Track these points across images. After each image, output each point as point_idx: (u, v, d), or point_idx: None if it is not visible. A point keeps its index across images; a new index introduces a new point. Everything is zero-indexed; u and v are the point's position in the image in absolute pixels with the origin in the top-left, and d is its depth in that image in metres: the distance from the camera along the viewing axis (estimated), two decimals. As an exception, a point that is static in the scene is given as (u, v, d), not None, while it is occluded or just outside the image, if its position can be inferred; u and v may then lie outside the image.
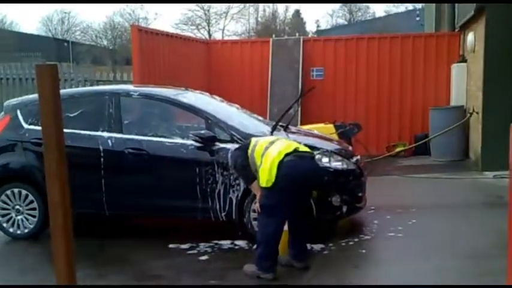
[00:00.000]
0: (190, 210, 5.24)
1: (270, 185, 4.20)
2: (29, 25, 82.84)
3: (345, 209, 5.13)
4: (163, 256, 4.85)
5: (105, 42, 47.54)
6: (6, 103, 6.08)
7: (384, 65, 10.78)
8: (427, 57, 10.59)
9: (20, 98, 6.24)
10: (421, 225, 5.53)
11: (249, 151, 4.43)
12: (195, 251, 4.94)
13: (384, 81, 10.80)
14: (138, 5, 45.28)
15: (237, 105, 6.21)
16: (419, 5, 32.69)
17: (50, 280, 4.21)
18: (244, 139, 5.11)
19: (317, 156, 5.07)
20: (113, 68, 34.53)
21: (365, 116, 10.51)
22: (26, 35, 44.29)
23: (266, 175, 4.22)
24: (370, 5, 47.02)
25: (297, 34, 14.33)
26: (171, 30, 31.99)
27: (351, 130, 8.44)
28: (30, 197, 5.42)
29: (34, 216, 5.42)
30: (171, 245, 5.06)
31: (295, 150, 4.33)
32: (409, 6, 41.29)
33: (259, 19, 45.62)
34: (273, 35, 16.53)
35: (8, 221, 5.47)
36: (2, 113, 5.91)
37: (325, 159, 5.14)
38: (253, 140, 4.55)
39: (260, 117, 6.28)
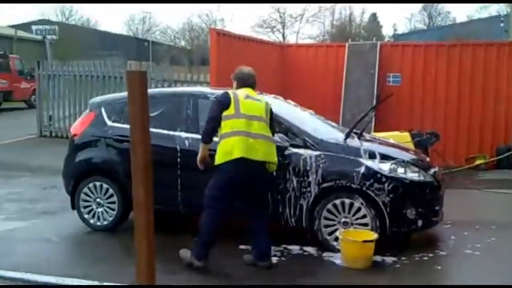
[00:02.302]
0: (260, 213, 5.27)
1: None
2: (113, 25, 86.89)
3: (420, 222, 4.97)
4: (234, 256, 4.91)
5: (182, 43, 49.01)
6: (91, 100, 6.42)
7: (465, 73, 10.31)
8: (511, 66, 10.04)
9: (104, 96, 6.54)
10: (501, 244, 5.25)
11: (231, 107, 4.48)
12: (264, 254, 4.96)
13: (464, 89, 10.33)
14: (215, 6, 46.20)
15: (310, 111, 6.19)
16: (504, 11, 31.04)
17: (118, 271, 4.47)
18: (317, 145, 5.09)
19: (392, 167, 4.96)
20: (190, 68, 35.51)
21: (443, 125, 10.10)
22: (110, 34, 46.53)
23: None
24: (452, 9, 45.22)
25: (374, 38, 14.02)
26: (247, 33, 32.47)
27: (428, 139, 8.13)
28: (110, 191, 5.66)
29: (113, 210, 5.67)
30: (241, 246, 5.12)
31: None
32: (493, 11, 39.33)
33: (334, 22, 45.16)
34: (349, 39, 16.28)
35: (89, 213, 5.76)
36: (88, 109, 6.23)
37: (400, 170, 5.00)
38: (237, 97, 4.54)
39: (334, 123, 6.21)
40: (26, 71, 21.58)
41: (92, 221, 5.76)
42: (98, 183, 5.71)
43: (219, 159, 4.50)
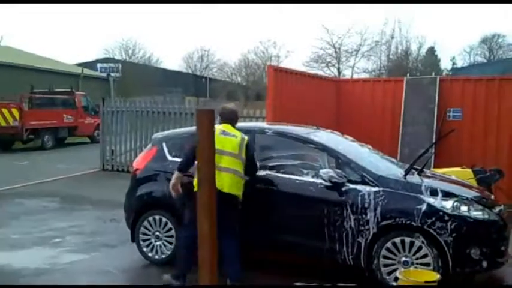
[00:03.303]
0: (316, 250, 5.21)
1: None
2: (172, 62, 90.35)
3: (484, 263, 4.74)
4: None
5: (239, 79, 49.99)
6: (154, 136, 6.64)
7: (531, 108, 9.91)
8: None
9: (165, 132, 6.74)
10: None
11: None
12: (320, 292, 4.88)
13: (530, 124, 9.90)
14: (271, 43, 47.02)
15: (368, 146, 6.12)
16: None
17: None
18: (376, 181, 5.01)
19: (455, 204, 4.79)
20: (245, 103, 36.09)
21: (507, 162, 9.65)
22: (169, 71, 48.22)
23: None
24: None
25: (433, 73, 13.80)
26: (301, 68, 32.74)
27: (492, 176, 7.79)
28: (169, 225, 5.76)
29: (171, 244, 5.75)
30: (297, 283, 5.04)
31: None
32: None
33: (391, 56, 44.78)
34: (407, 74, 16.11)
35: (147, 246, 5.87)
36: (150, 144, 6.44)
37: (463, 208, 4.82)
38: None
39: (393, 159, 6.10)
40: (90, 107, 22.60)
41: (150, 254, 5.86)
42: (157, 217, 5.83)
43: (195, 187, 4.75)
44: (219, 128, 5.03)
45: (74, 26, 77.07)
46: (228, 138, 5.01)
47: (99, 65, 39.09)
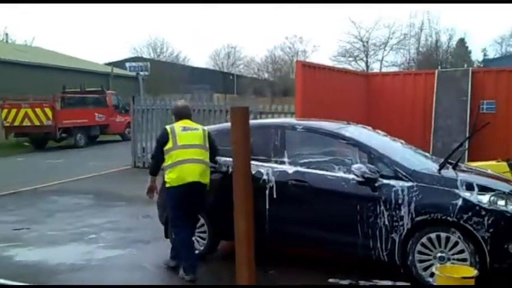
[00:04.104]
0: (349, 246, 5.17)
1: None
2: (199, 60, 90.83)
3: (523, 258, 4.62)
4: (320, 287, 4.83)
5: (265, 75, 49.97)
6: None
7: None
8: None
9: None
10: None
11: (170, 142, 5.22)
12: (354, 289, 4.85)
13: None
14: (297, 38, 46.83)
15: (401, 140, 6.03)
16: None
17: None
18: (409, 176, 4.94)
19: (491, 199, 4.69)
20: (272, 99, 36.05)
21: (544, 154, 9.41)
22: (197, 68, 48.53)
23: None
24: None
25: (465, 65, 13.52)
26: (328, 62, 32.50)
27: (529, 169, 7.59)
28: (202, 221, 5.77)
29: (204, 239, 5.81)
30: (331, 279, 5.02)
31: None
32: None
33: (420, 49, 44.01)
34: (439, 66, 15.82)
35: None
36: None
37: (501, 202, 4.70)
38: (174, 131, 5.28)
39: (426, 154, 6.00)
40: (121, 105, 22.93)
41: (183, 249, 5.91)
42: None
43: (167, 185, 5.28)
44: (178, 125, 5.40)
45: (103, 26, 78.35)
46: (191, 133, 5.34)
47: (128, 64, 39.56)
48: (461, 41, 46.86)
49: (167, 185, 5.26)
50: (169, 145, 5.25)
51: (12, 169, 14.59)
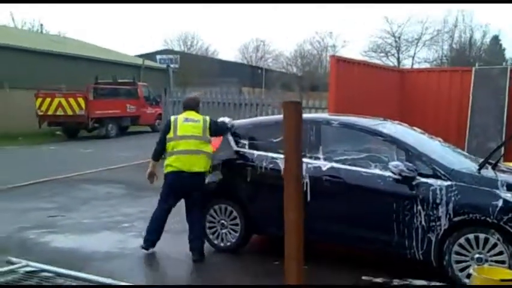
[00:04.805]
0: (384, 244, 5.11)
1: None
2: (228, 53, 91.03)
3: None
4: (355, 286, 4.79)
5: (294, 69, 49.75)
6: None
7: None
8: None
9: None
10: None
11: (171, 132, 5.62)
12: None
13: None
14: (327, 33, 46.46)
15: (439, 138, 5.92)
16: None
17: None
18: (448, 175, 4.84)
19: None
20: (301, 94, 35.90)
21: None
22: (225, 62, 48.61)
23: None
24: None
25: (504, 63, 13.21)
26: (359, 58, 32.15)
27: None
28: (234, 214, 5.84)
29: (236, 232, 5.83)
30: (364, 277, 4.98)
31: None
32: None
33: (453, 46, 43.16)
34: (476, 64, 15.51)
35: (213, 234, 5.98)
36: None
37: (543, 204, 4.58)
38: (177, 121, 5.67)
39: (465, 153, 5.88)
40: (152, 97, 23.17)
41: (215, 242, 5.96)
42: (223, 206, 5.91)
43: (164, 171, 5.72)
44: (182, 116, 5.75)
45: (135, 18, 79.19)
46: (192, 124, 5.67)
47: (158, 57, 39.80)
48: (495, 39, 45.77)
49: (164, 170, 5.71)
50: (170, 134, 5.65)
51: (45, 158, 14.91)
